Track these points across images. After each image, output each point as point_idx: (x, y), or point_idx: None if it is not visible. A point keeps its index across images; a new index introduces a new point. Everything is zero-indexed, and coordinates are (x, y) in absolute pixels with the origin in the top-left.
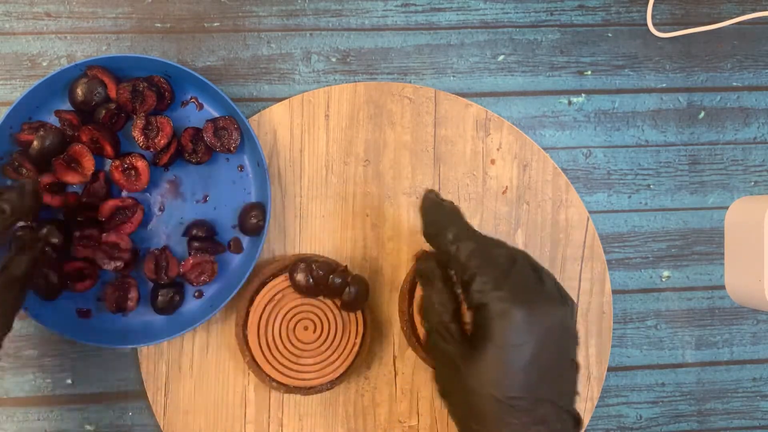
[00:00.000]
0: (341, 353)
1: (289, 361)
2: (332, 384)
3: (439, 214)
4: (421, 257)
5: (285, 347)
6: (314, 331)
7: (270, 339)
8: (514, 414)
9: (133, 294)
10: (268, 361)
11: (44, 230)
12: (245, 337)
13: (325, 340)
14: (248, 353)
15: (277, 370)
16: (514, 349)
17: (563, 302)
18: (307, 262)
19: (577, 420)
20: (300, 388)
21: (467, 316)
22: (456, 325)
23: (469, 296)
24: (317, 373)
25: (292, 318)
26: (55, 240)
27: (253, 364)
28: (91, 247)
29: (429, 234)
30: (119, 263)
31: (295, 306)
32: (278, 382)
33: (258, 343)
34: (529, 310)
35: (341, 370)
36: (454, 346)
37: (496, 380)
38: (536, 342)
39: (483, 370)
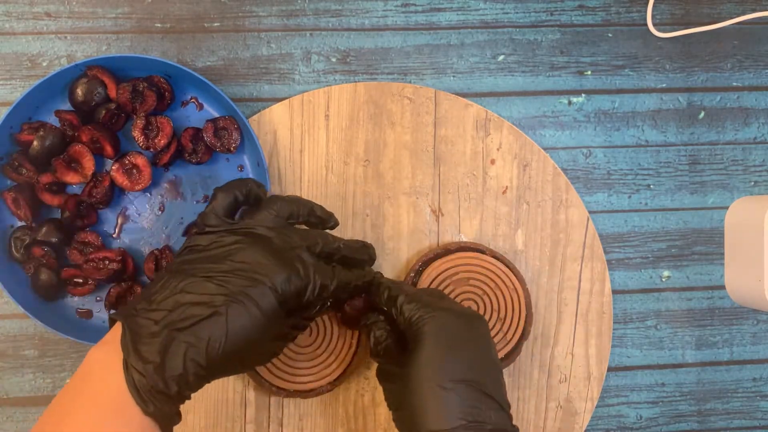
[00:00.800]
0: (338, 356)
1: (286, 365)
2: (331, 386)
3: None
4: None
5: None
6: (310, 335)
7: None
8: (450, 397)
9: None
10: (265, 366)
11: (43, 230)
12: None
13: (321, 344)
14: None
15: (274, 374)
16: (446, 340)
17: (479, 316)
18: None
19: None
20: (299, 392)
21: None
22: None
23: (403, 317)
24: (315, 375)
25: None
26: (55, 240)
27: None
28: (84, 254)
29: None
30: (105, 276)
31: None
32: (277, 387)
33: None
34: (452, 312)
35: (338, 372)
36: (395, 351)
37: (433, 368)
38: (466, 340)
39: (422, 361)
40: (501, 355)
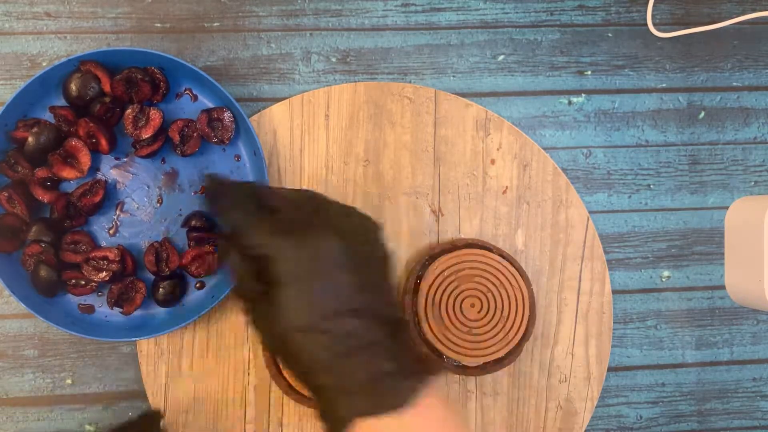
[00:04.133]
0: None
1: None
2: None
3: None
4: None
5: None
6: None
7: None
8: (318, 336)
9: (137, 300)
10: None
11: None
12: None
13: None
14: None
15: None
16: (299, 279)
17: (342, 229)
18: None
19: (397, 321)
20: None
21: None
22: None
23: (252, 254)
24: None
25: None
26: (46, 239)
27: (292, 392)
28: (81, 254)
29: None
30: (106, 275)
31: None
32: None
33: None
34: (297, 240)
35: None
36: (257, 295)
37: (293, 312)
38: (322, 266)
39: (281, 306)
40: (501, 354)
